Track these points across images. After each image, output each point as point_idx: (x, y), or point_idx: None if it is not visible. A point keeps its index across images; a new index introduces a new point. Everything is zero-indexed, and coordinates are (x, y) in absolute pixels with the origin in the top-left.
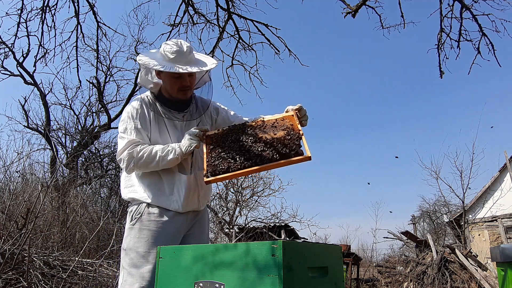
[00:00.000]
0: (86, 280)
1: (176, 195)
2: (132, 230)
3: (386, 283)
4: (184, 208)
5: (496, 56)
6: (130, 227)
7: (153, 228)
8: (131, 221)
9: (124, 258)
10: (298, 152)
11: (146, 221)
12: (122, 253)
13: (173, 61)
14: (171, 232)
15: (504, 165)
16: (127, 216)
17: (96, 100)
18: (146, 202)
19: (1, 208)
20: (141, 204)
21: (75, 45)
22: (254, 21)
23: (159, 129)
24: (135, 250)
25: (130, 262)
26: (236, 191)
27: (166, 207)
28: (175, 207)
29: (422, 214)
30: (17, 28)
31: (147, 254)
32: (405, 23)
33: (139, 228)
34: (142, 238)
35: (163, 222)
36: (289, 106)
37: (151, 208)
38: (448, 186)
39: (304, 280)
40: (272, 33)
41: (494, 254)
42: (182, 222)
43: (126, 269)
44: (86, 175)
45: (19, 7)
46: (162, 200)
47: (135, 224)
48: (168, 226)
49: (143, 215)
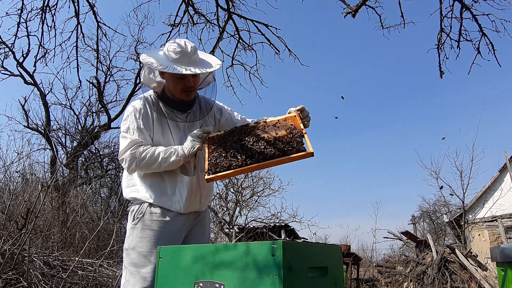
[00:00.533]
0: (86, 280)
1: (178, 196)
2: (134, 230)
3: (386, 283)
4: (186, 209)
5: (496, 56)
6: (132, 226)
7: (155, 228)
8: (133, 220)
9: (126, 258)
10: (300, 149)
11: (148, 221)
12: (124, 253)
13: (177, 61)
14: (173, 232)
15: (504, 165)
16: (129, 216)
17: (96, 100)
18: (148, 202)
19: (1, 208)
20: (143, 204)
21: (75, 45)
22: (254, 21)
23: (162, 129)
24: (137, 250)
25: (132, 262)
26: (236, 191)
27: (168, 208)
28: (177, 208)
29: (422, 214)
30: (17, 28)
31: (149, 254)
32: (405, 23)
33: (141, 228)
34: (145, 237)
35: (165, 222)
36: (292, 108)
37: (153, 208)
38: (448, 186)
39: (304, 280)
40: (272, 33)
41: (494, 254)
42: (183, 222)
43: (128, 269)
44: (86, 175)
45: (19, 7)
46: (164, 201)
47: (137, 224)
48: (170, 226)
49: (145, 214)
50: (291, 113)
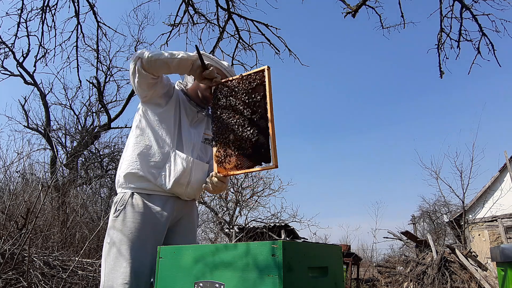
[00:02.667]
0: (86, 280)
1: (167, 171)
2: (115, 222)
3: (386, 283)
4: (172, 187)
5: (496, 56)
6: (113, 219)
7: (137, 221)
8: (115, 212)
9: (106, 252)
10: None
11: (130, 213)
12: (105, 246)
13: (225, 71)
14: (156, 224)
15: (504, 165)
16: (112, 207)
17: (96, 100)
18: (130, 190)
19: (1, 208)
20: (125, 194)
21: (75, 45)
22: (254, 21)
23: (175, 111)
24: (117, 245)
25: (113, 257)
26: (236, 191)
27: (152, 186)
28: (161, 182)
29: (422, 214)
30: (17, 28)
31: (131, 249)
32: (405, 23)
33: (123, 220)
34: (126, 231)
35: (146, 214)
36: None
37: (135, 198)
38: (448, 186)
39: (304, 280)
40: (272, 33)
41: (494, 254)
42: (168, 211)
43: (108, 263)
44: (86, 175)
45: (19, 7)
46: (152, 173)
47: (119, 216)
48: (153, 217)
49: (127, 206)
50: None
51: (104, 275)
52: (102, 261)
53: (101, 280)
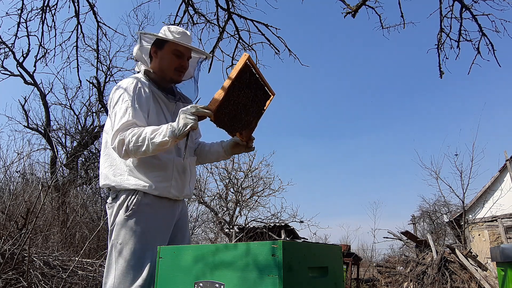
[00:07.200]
0: (86, 280)
1: (175, 180)
2: (127, 222)
3: (386, 283)
4: (182, 193)
5: (496, 56)
6: (125, 218)
7: (150, 221)
8: (126, 212)
9: (117, 253)
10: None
11: (142, 213)
12: (113, 248)
13: (178, 40)
14: (165, 225)
15: (504, 165)
16: (116, 206)
17: (96, 100)
18: (141, 190)
19: (1, 208)
20: (135, 193)
21: (75, 45)
22: (254, 21)
23: (156, 110)
24: (130, 246)
25: (126, 259)
26: (236, 191)
27: (163, 195)
28: (174, 194)
29: (422, 214)
30: (17, 28)
31: (146, 250)
32: (405, 23)
33: (135, 221)
34: (137, 232)
35: (158, 214)
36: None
37: (146, 198)
38: (448, 186)
39: (304, 280)
40: (272, 33)
41: (494, 254)
42: (174, 211)
43: (119, 265)
44: (86, 175)
45: (19, 7)
46: (163, 187)
47: (131, 216)
48: (164, 217)
49: (140, 206)
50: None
51: (114, 277)
52: (111, 261)
53: (109, 281)
